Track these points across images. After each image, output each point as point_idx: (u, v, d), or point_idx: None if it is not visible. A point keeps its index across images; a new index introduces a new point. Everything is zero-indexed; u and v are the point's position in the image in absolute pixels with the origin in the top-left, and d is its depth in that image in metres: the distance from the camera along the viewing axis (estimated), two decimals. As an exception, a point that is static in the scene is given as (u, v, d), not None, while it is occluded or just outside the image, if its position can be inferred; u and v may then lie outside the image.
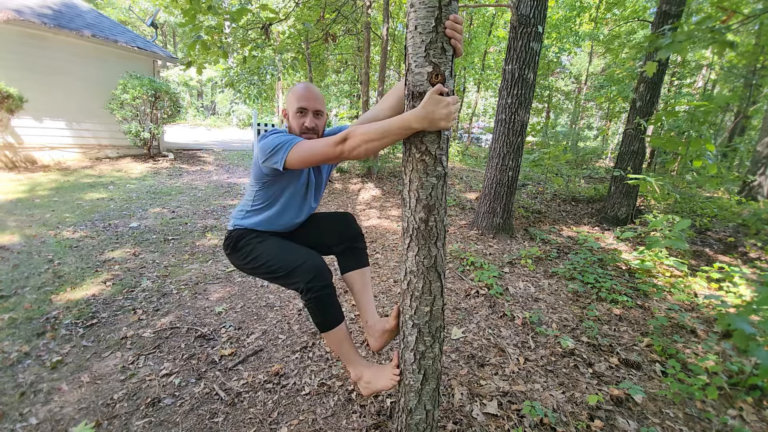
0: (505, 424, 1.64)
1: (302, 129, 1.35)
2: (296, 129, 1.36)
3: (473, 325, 2.49)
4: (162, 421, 1.64)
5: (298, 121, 1.35)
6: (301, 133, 1.34)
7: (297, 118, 1.35)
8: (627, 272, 3.46)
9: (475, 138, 18.44)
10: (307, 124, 1.34)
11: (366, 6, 6.45)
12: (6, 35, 6.03)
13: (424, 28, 0.97)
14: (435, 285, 1.14)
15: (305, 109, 1.35)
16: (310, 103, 1.35)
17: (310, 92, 1.37)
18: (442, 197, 1.09)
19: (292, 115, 1.36)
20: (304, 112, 1.35)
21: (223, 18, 3.17)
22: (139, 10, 21.46)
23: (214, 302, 2.71)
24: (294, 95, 1.37)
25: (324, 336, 1.34)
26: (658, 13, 4.78)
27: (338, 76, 12.76)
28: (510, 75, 3.97)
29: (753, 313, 1.72)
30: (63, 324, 2.32)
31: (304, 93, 1.35)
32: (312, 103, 1.35)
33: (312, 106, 1.35)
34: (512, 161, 4.14)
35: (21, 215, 4.15)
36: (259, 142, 1.29)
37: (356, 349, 1.41)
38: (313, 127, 1.35)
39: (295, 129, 1.36)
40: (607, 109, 13.77)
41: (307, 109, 1.35)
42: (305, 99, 1.35)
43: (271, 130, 1.31)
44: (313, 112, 1.36)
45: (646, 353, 2.24)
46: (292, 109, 1.36)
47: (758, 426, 1.71)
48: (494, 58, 14.44)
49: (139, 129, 7.02)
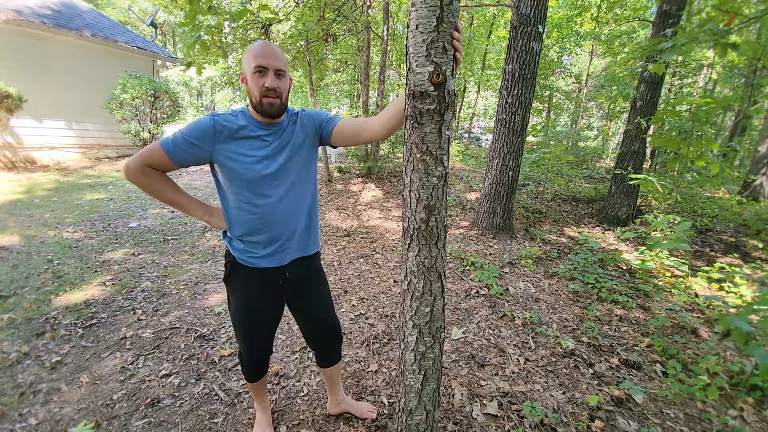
0: (505, 425, 1.64)
1: (263, 91, 1.16)
2: (255, 92, 1.17)
3: (473, 325, 2.49)
4: (161, 422, 1.64)
5: (257, 81, 1.16)
6: (262, 96, 1.16)
7: (255, 79, 1.16)
8: (628, 272, 3.46)
9: (475, 138, 18.43)
10: (267, 84, 1.15)
11: (366, 6, 6.44)
12: (6, 35, 6.03)
13: (426, 27, 0.97)
14: (435, 285, 1.13)
15: (264, 68, 1.16)
16: (270, 61, 1.16)
17: (269, 49, 1.17)
18: (443, 197, 1.09)
19: (250, 77, 1.17)
20: (264, 72, 1.16)
21: (223, 18, 3.16)
22: (138, 10, 21.44)
23: (214, 302, 2.70)
24: (250, 53, 1.18)
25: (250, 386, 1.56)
26: (659, 13, 4.78)
27: (338, 75, 12.74)
28: (510, 75, 3.96)
29: (753, 313, 1.71)
30: (62, 324, 2.32)
31: (261, 50, 1.16)
32: (272, 61, 1.16)
33: (272, 64, 1.16)
34: (512, 161, 4.13)
35: (20, 215, 4.14)
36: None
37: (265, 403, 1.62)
38: (275, 88, 1.16)
39: (254, 92, 1.18)
40: (607, 109, 13.75)
41: (266, 67, 1.16)
42: (263, 56, 1.15)
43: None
44: (274, 71, 1.17)
45: (646, 353, 2.23)
46: (249, 70, 1.17)
47: (759, 426, 1.71)
48: (494, 58, 14.43)
49: (139, 129, 7.02)
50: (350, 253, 3.77)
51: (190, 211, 1.29)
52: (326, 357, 1.58)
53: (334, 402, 1.69)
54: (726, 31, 2.10)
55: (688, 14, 4.80)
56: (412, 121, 1.04)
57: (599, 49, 14.35)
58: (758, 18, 2.38)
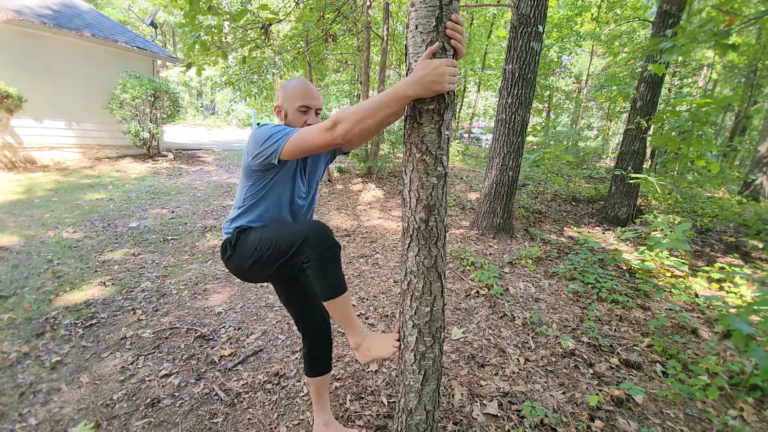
0: (505, 425, 1.64)
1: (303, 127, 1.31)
2: (296, 126, 1.32)
3: (473, 325, 2.49)
4: (161, 422, 1.64)
5: (299, 119, 1.33)
6: None
7: (299, 116, 1.33)
8: (628, 272, 3.46)
9: (475, 138, 18.43)
10: (309, 122, 1.33)
11: (366, 6, 6.44)
12: (6, 35, 6.03)
13: (425, 28, 0.97)
14: (435, 285, 1.13)
15: (308, 108, 1.33)
16: (314, 102, 1.34)
17: (312, 91, 1.35)
18: (443, 197, 1.09)
19: (293, 112, 1.34)
20: (307, 111, 1.33)
21: (223, 18, 3.16)
22: (138, 10, 21.43)
23: (214, 302, 2.70)
24: (295, 92, 1.34)
25: (331, 304, 1.24)
26: (659, 13, 4.78)
27: (338, 75, 12.75)
28: (510, 75, 3.96)
29: (753, 313, 1.71)
30: (62, 324, 2.32)
31: (307, 91, 1.33)
32: (315, 102, 1.34)
33: (315, 104, 1.34)
34: (512, 161, 4.13)
35: (20, 215, 4.14)
36: (253, 133, 1.25)
37: (356, 315, 1.39)
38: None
39: (294, 126, 1.33)
40: (607, 109, 13.75)
41: (310, 108, 1.33)
42: (309, 97, 1.33)
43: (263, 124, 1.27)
44: (315, 110, 1.35)
45: (646, 354, 2.23)
46: (292, 107, 1.33)
47: (759, 426, 1.70)
48: (494, 58, 14.43)
49: (139, 129, 7.02)
50: (350, 253, 3.77)
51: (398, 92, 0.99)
52: (316, 358, 1.49)
53: (321, 423, 1.53)
54: (726, 31, 2.10)
55: (688, 14, 4.80)
56: (412, 121, 1.04)
57: (599, 49, 14.35)
58: (758, 19, 2.38)
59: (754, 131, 12.32)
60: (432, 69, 0.93)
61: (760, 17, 2.35)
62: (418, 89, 0.95)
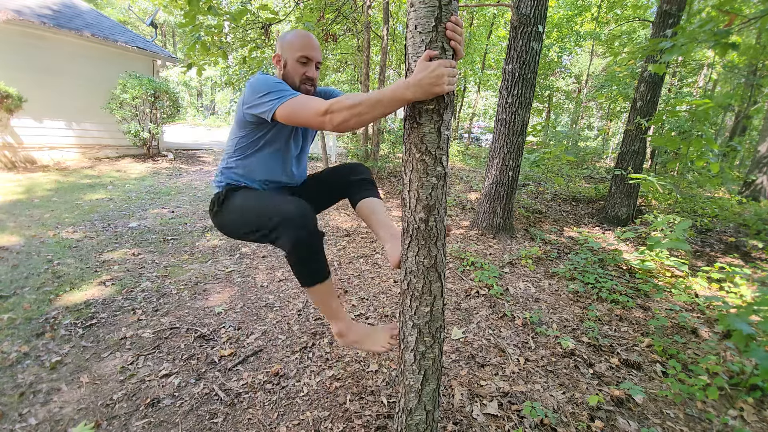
0: (505, 425, 1.64)
1: (302, 78, 1.32)
2: (295, 77, 1.32)
3: (473, 325, 2.49)
4: (161, 422, 1.64)
5: (299, 69, 1.31)
6: (301, 83, 1.32)
7: (298, 66, 1.31)
8: (628, 272, 3.46)
9: (475, 138, 18.43)
10: (309, 73, 1.32)
11: (366, 6, 6.44)
12: (6, 35, 6.03)
13: (424, 28, 0.97)
14: (435, 285, 1.13)
15: (309, 59, 1.32)
16: (314, 53, 1.32)
17: (313, 42, 1.33)
18: (442, 197, 1.09)
19: (292, 62, 1.31)
20: (307, 62, 1.32)
21: (223, 18, 3.16)
22: (138, 10, 21.44)
23: (214, 302, 2.70)
24: (295, 42, 1.32)
25: (308, 291, 1.23)
26: (659, 13, 4.78)
27: (338, 75, 12.76)
28: (510, 75, 3.96)
29: (753, 313, 1.71)
30: (62, 324, 2.32)
31: (308, 42, 1.32)
32: (315, 53, 1.33)
33: (315, 56, 1.33)
34: (513, 161, 4.13)
35: (20, 215, 4.14)
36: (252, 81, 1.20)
37: (340, 303, 1.35)
38: (313, 78, 1.33)
39: (293, 77, 1.32)
40: (607, 109, 13.75)
41: (310, 59, 1.32)
42: (311, 48, 1.31)
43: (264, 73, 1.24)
44: (315, 63, 1.33)
45: (646, 354, 2.23)
46: (291, 57, 1.31)
47: (759, 426, 1.70)
48: (494, 58, 14.42)
49: (139, 129, 7.02)
50: (350, 253, 3.77)
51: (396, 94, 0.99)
52: (366, 190, 1.44)
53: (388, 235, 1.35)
54: (726, 31, 2.10)
55: (688, 14, 4.80)
56: (411, 121, 1.04)
57: (599, 49, 14.34)
58: (758, 18, 2.38)
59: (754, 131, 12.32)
60: (430, 72, 0.92)
61: (760, 17, 2.34)
62: (417, 92, 0.94)
